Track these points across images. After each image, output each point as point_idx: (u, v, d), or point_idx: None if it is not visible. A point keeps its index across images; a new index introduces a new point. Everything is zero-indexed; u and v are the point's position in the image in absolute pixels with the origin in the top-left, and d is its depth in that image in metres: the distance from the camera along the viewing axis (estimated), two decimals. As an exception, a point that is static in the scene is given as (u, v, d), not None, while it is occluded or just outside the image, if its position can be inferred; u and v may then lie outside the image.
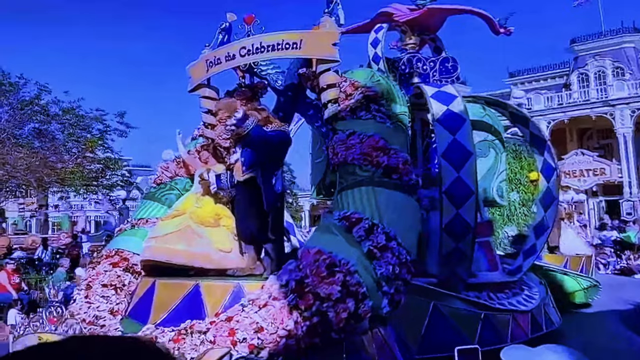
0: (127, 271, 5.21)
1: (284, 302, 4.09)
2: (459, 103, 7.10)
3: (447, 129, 6.81)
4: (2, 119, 21.38)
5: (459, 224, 6.77)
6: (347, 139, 5.15)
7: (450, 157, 6.73)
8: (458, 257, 6.87)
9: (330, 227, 4.66)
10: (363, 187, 4.87)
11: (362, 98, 5.40)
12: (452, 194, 6.69)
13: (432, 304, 6.42)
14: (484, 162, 9.92)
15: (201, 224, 5.21)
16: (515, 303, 7.51)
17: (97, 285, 5.00)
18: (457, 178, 6.72)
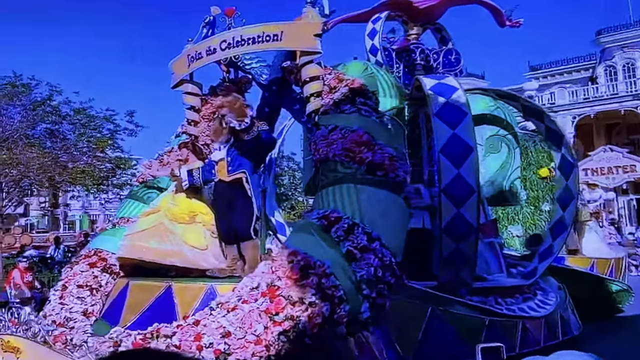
0: (105, 272, 5.16)
1: (253, 306, 3.98)
2: (460, 96, 6.93)
3: (447, 123, 6.66)
4: (15, 119, 21.82)
5: (459, 224, 6.62)
6: (329, 134, 5.02)
7: (449, 152, 6.57)
8: (460, 259, 6.72)
9: (307, 227, 4.55)
10: (344, 185, 4.74)
11: (347, 91, 5.28)
12: (452, 193, 6.54)
13: (430, 309, 6.28)
14: (496, 158, 9.74)
15: (175, 221, 5.15)
16: (526, 309, 7.30)
17: (72, 285, 4.96)
18: (457, 175, 6.57)
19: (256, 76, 6.01)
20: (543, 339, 7.15)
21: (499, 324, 6.71)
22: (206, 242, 5.07)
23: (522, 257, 10.08)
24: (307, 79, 5.30)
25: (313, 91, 5.29)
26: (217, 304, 4.08)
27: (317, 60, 5.34)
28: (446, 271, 6.75)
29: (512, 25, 8.68)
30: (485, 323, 6.58)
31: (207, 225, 5.15)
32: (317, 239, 4.42)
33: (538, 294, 7.85)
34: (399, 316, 6.02)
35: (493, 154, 9.70)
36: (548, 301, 7.74)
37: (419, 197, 7.46)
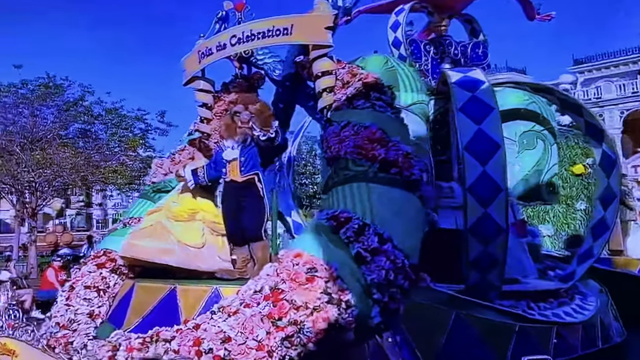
0: (114, 272, 5.14)
1: (255, 310, 3.88)
2: (487, 90, 6.69)
3: (471, 118, 6.42)
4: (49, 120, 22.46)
5: (487, 225, 6.37)
6: (341, 130, 4.88)
7: (474, 149, 6.34)
8: (488, 261, 6.48)
9: (315, 228, 4.45)
10: (355, 184, 4.60)
11: (361, 86, 5.14)
12: (478, 192, 6.30)
13: (454, 314, 6.08)
14: (531, 155, 9.39)
15: (173, 219, 5.11)
16: (561, 314, 7.01)
17: (79, 287, 4.96)
18: (482, 173, 6.33)
19: (269, 72, 5.92)
20: (580, 346, 6.84)
21: (530, 330, 6.44)
22: (203, 240, 5.01)
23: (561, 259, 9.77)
24: (319, 73, 5.18)
25: (325, 86, 5.17)
26: (218, 308, 3.99)
27: (329, 54, 5.21)
28: (473, 274, 6.52)
29: (542, 19, 8.39)
30: (515, 329, 6.33)
31: (207, 223, 5.09)
32: (325, 240, 4.29)
33: (576, 298, 7.54)
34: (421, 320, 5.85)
35: (528, 150, 9.39)
36: (587, 306, 7.41)
37: (452, 196, 7.26)
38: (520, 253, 7.79)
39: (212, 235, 5.07)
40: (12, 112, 22.18)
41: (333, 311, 3.96)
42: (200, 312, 4.21)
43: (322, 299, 3.96)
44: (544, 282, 7.88)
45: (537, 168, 9.20)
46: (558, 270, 8.51)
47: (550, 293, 7.28)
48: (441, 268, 6.66)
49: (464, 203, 6.32)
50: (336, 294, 4.02)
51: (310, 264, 4.10)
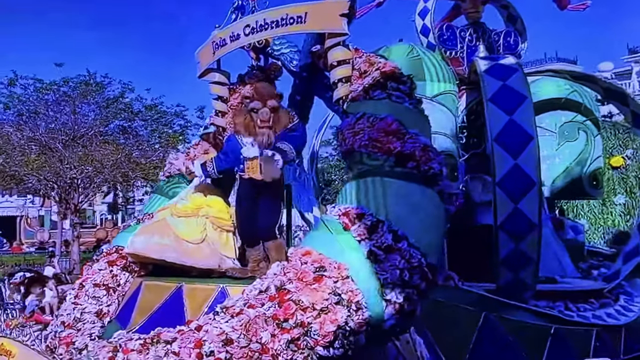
0: (125, 270, 5.08)
1: (259, 311, 3.75)
2: (520, 78, 6.43)
3: (502, 109, 6.20)
4: (90, 117, 23.09)
5: (518, 221, 6.15)
6: (356, 122, 4.70)
7: (505, 141, 6.12)
8: (520, 259, 6.25)
9: (327, 225, 4.28)
10: (369, 178, 4.41)
11: (379, 75, 4.94)
12: (508, 186, 6.09)
13: (484, 315, 5.86)
14: (572, 147, 9.09)
15: (177, 215, 5.02)
16: (603, 315, 6.69)
17: (89, 284, 4.93)
18: (514, 166, 6.10)
19: (286, 62, 5.77)
20: (624, 350, 6.55)
21: (567, 333, 6.17)
22: (202, 235, 4.90)
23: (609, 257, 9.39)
24: (334, 63, 5.00)
25: (341, 76, 4.99)
26: (222, 308, 3.87)
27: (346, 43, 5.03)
28: (504, 273, 6.28)
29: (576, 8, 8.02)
30: (551, 332, 6.06)
31: (210, 218, 4.98)
32: (336, 237, 4.13)
33: (621, 299, 7.20)
34: (446, 322, 5.66)
35: (569, 142, 9.05)
36: (632, 307, 7.08)
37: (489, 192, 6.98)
38: (558, 251, 7.49)
39: (215, 231, 4.95)
40: (53, 110, 22.82)
41: (342, 313, 3.79)
42: (206, 312, 4.10)
43: (330, 299, 3.80)
44: (585, 281, 7.56)
45: (579, 161, 8.85)
46: (603, 269, 8.17)
47: (592, 293, 6.98)
48: (483, 266, 6.45)
49: (494, 198, 6.09)
50: (346, 294, 3.85)
51: (319, 262, 3.94)
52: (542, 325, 5.99)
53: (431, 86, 6.34)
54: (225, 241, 5.01)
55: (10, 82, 23.13)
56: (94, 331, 4.35)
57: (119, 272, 5.04)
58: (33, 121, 22.70)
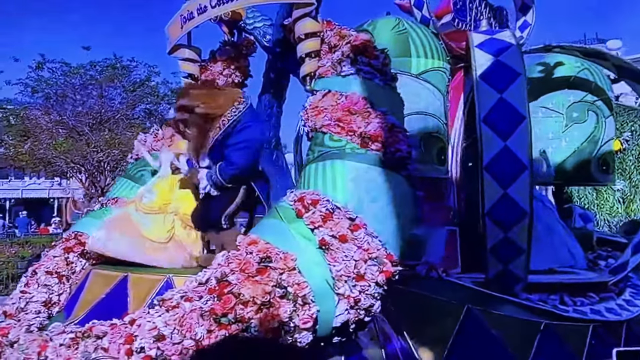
0: (83, 257, 4.87)
1: (196, 304, 3.49)
2: (514, 53, 5.98)
3: (492, 86, 5.76)
4: (116, 100, 23.29)
5: (508, 208, 5.76)
6: (320, 100, 4.40)
7: (493, 121, 5.68)
8: (509, 250, 5.86)
9: (278, 211, 3.99)
10: (329, 161, 4.11)
11: (349, 49, 4.60)
12: (497, 170, 5.67)
13: (466, 308, 5.50)
14: (581, 128, 8.54)
15: (142, 211, 4.73)
16: (602, 310, 6.28)
17: (41, 272, 4.72)
18: (503, 149, 5.68)
19: (259, 37, 5.44)
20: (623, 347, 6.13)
21: (559, 329, 5.78)
22: (169, 234, 4.61)
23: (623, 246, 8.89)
24: (302, 36, 4.69)
25: (308, 50, 4.69)
26: (159, 301, 3.62)
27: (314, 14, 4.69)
28: (493, 264, 5.89)
29: None
30: (540, 327, 5.67)
31: (179, 215, 4.68)
32: (286, 225, 3.84)
33: (626, 293, 6.75)
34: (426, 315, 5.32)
35: (577, 124, 8.52)
36: (638, 301, 6.65)
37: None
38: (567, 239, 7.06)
39: (185, 229, 4.65)
40: (80, 93, 23.02)
41: (286, 307, 3.53)
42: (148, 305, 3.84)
43: (273, 293, 3.53)
44: (586, 273, 7.12)
45: (589, 144, 8.35)
46: (611, 260, 7.71)
47: (592, 286, 6.54)
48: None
49: (480, 183, 5.70)
50: (292, 287, 3.58)
51: (265, 252, 3.67)
52: (531, 320, 5.59)
53: (417, 62, 5.93)
54: (195, 239, 4.71)
55: (37, 66, 23.36)
56: (35, 322, 4.13)
57: (75, 259, 4.83)
58: (60, 105, 23.01)
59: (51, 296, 4.55)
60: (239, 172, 4.31)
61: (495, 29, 6.71)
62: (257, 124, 4.57)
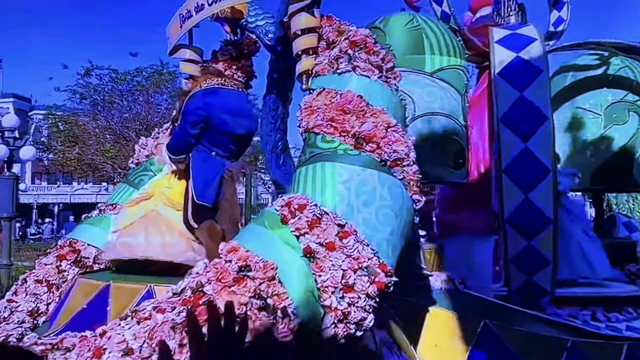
0: (76, 265, 4.79)
1: (168, 316, 3.33)
2: (537, 48, 5.68)
3: (512, 84, 5.49)
4: (162, 106, 23.71)
5: (530, 215, 5.46)
6: (314, 99, 4.21)
7: (513, 121, 5.43)
8: (532, 259, 5.55)
9: (263, 217, 3.80)
10: (319, 163, 3.91)
11: (347, 46, 4.39)
12: (517, 173, 5.41)
13: (482, 324, 5.19)
14: (621, 130, 8.11)
15: (172, 206, 4.58)
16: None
17: (31, 280, 4.65)
18: (523, 150, 5.41)
19: (261, 35, 5.27)
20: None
21: (589, 347, 5.40)
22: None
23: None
24: (298, 31, 4.50)
25: (304, 47, 4.49)
26: (132, 312, 3.47)
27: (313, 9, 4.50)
28: (516, 275, 5.59)
29: None
30: (567, 345, 5.31)
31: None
32: (270, 232, 3.65)
33: (666, 307, 6.32)
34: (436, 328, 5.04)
35: (617, 125, 8.07)
36: (682, 319, 6.19)
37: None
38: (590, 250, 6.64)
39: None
40: (127, 99, 23.52)
41: (263, 321, 3.30)
42: (124, 316, 3.69)
43: (250, 305, 3.33)
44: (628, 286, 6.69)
45: (630, 147, 7.89)
46: (652, 271, 7.25)
47: (630, 300, 6.13)
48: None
49: (499, 187, 5.41)
50: (271, 298, 3.36)
51: (244, 261, 3.47)
52: (557, 337, 5.24)
53: (432, 60, 5.68)
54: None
55: (86, 72, 24.01)
56: (14, 333, 4.03)
57: (68, 267, 4.73)
58: (108, 111, 23.70)
59: (39, 305, 4.48)
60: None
61: (519, 24, 6.40)
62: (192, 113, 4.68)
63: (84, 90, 24.54)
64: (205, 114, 4.58)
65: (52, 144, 28.99)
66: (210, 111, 4.62)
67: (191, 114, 4.63)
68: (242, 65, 5.34)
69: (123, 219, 4.73)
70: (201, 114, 4.58)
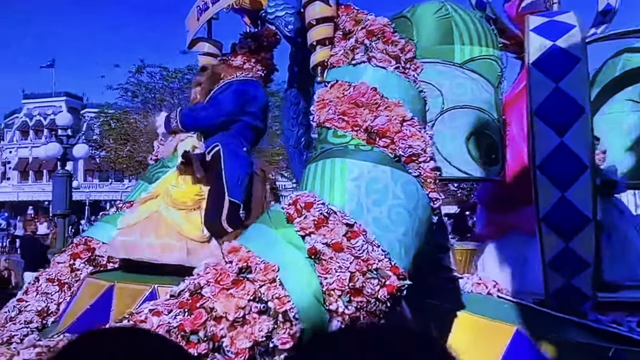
0: (90, 263, 4.75)
1: (164, 320, 3.23)
2: (576, 36, 5.36)
3: (547, 74, 5.19)
4: None
5: (567, 214, 5.16)
6: (326, 92, 4.05)
7: (547, 114, 5.13)
8: (571, 262, 5.25)
9: (269, 216, 3.66)
10: (329, 159, 3.75)
11: (364, 35, 4.20)
12: (552, 170, 5.11)
13: (515, 331, 4.93)
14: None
15: (175, 207, 4.47)
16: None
17: (43, 279, 4.63)
18: (559, 145, 5.10)
19: (281, 27, 5.11)
20: None
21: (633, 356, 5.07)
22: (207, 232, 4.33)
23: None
24: (313, 21, 4.34)
25: (319, 37, 4.33)
26: (128, 314, 3.39)
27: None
28: (554, 279, 5.29)
29: None
30: (609, 354, 4.99)
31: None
32: (274, 232, 3.51)
33: None
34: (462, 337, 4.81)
35: (669, 120, 7.63)
36: None
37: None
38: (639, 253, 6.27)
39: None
40: (178, 97, 23.79)
41: (264, 325, 3.19)
42: (123, 318, 3.61)
43: (249, 308, 3.20)
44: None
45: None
46: None
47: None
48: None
49: (533, 184, 5.12)
50: (272, 302, 3.22)
51: (245, 262, 3.35)
52: (598, 345, 4.93)
53: (461, 50, 5.43)
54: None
55: (137, 70, 24.38)
56: (18, 333, 4.00)
57: (82, 265, 4.69)
58: (159, 109, 24.09)
59: (49, 305, 4.45)
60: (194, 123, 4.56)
61: (559, 11, 6.07)
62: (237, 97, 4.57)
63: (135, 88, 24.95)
64: (247, 103, 4.56)
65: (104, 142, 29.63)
66: (251, 102, 4.58)
67: (237, 96, 4.56)
68: (262, 58, 5.22)
69: (128, 218, 4.68)
70: (246, 100, 4.57)
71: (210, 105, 4.57)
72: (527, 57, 5.24)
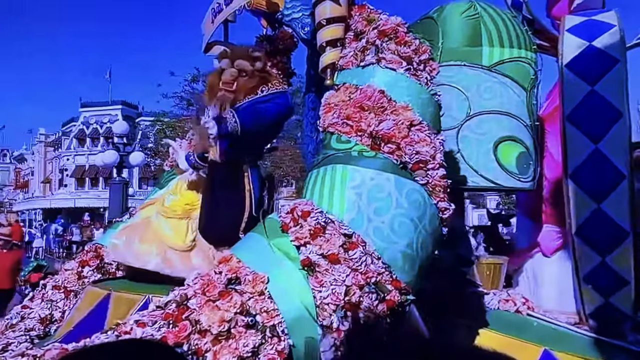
0: (99, 271, 4.74)
1: (147, 332, 3.15)
2: (615, 36, 5.07)
3: (582, 77, 4.92)
4: None
5: (602, 226, 4.87)
6: (333, 96, 3.91)
7: (581, 120, 4.85)
8: (609, 279, 4.95)
9: (265, 224, 3.54)
10: (330, 166, 3.60)
11: (375, 36, 4.05)
12: (585, 179, 4.83)
13: (543, 351, 4.65)
14: None
15: (164, 215, 4.44)
16: None
17: (49, 286, 4.63)
18: (594, 152, 4.82)
19: (297, 29, 5.00)
20: None
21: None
22: (190, 241, 4.27)
23: None
24: (323, 21, 4.22)
25: (329, 38, 4.20)
26: (115, 324, 3.32)
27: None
28: (589, 297, 4.99)
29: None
30: (645, 378, 4.68)
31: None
32: (267, 241, 3.39)
33: None
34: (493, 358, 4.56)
35: None
36: None
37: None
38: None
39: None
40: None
41: (250, 340, 3.07)
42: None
43: (234, 321, 3.09)
44: None
45: None
46: None
47: None
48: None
49: (565, 194, 4.85)
50: (260, 315, 3.10)
51: (234, 272, 3.24)
52: (632, 367, 4.62)
53: (490, 52, 5.19)
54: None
55: (192, 79, 24.76)
56: (15, 341, 3.98)
57: (90, 273, 4.68)
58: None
59: (53, 312, 4.44)
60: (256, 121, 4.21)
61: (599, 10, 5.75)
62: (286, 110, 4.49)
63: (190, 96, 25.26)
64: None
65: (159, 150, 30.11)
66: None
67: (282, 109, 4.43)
68: (278, 62, 5.12)
69: (126, 222, 4.72)
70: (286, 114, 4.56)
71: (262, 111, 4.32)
72: (560, 58, 4.97)
